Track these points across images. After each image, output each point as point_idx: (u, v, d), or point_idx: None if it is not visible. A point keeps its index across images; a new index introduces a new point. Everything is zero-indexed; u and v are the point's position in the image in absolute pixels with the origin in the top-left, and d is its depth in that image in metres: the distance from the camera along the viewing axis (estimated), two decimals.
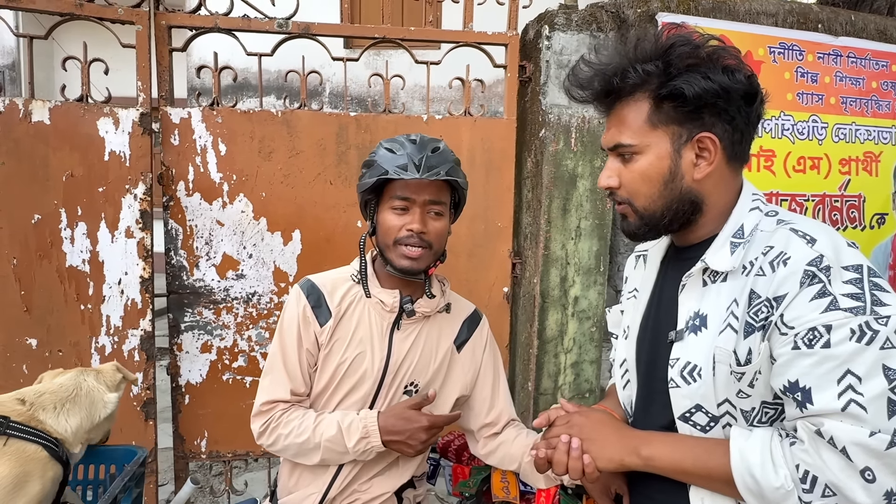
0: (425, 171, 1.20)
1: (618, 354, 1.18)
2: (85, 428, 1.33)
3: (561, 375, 2.39)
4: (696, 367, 0.94)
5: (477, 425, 1.41)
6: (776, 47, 2.42)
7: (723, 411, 0.93)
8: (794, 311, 0.84)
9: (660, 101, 0.95)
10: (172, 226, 2.15)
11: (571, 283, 2.34)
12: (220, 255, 2.20)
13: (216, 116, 2.14)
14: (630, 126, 0.97)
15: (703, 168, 0.96)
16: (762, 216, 0.97)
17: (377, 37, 2.22)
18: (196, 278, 2.19)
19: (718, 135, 0.95)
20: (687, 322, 0.98)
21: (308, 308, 1.29)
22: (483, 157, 2.30)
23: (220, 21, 2.11)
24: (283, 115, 2.18)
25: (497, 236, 2.35)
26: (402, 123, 2.25)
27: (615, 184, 1.01)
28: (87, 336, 2.06)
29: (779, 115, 2.44)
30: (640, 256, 1.21)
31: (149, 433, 2.15)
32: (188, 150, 2.14)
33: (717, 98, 0.92)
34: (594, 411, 1.08)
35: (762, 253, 0.91)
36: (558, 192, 2.27)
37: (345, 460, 1.28)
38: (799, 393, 0.84)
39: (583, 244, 2.32)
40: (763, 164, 2.46)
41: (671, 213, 0.98)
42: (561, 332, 2.37)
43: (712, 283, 0.97)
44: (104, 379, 1.43)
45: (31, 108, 1.95)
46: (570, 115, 2.24)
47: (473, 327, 1.42)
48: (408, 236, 1.24)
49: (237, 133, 2.16)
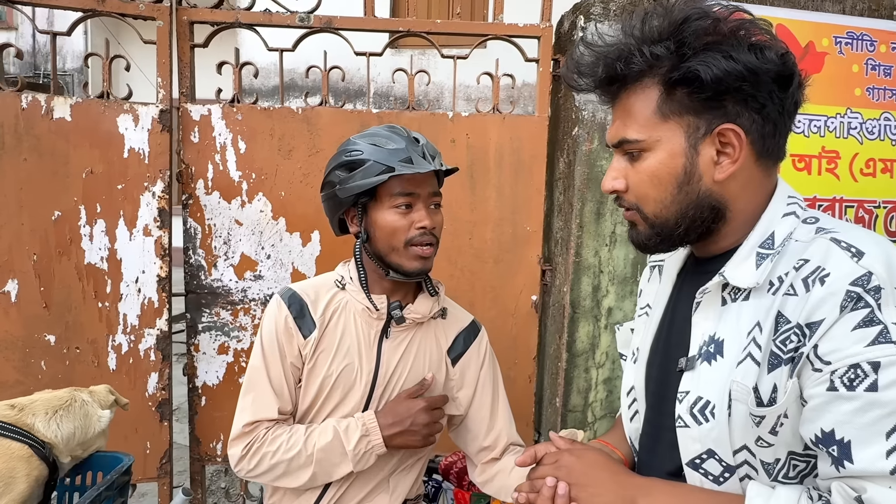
0: (431, 161, 1.11)
1: (625, 380, 1.02)
2: (78, 439, 1.31)
3: (592, 392, 2.23)
4: (709, 405, 0.78)
5: (474, 449, 1.28)
6: (843, 37, 2.18)
7: (740, 460, 0.77)
8: (832, 343, 0.68)
9: (671, 87, 0.79)
10: (191, 224, 2.11)
11: (605, 293, 2.17)
12: (239, 256, 2.15)
13: (236, 113, 2.09)
14: (637, 118, 0.82)
15: (725, 167, 0.80)
16: (798, 223, 0.80)
17: (402, 30, 2.13)
18: (214, 278, 2.15)
19: (745, 126, 0.78)
20: (700, 348, 0.82)
21: (290, 319, 1.19)
22: (512, 156, 2.17)
23: (242, 16, 2.06)
24: (303, 113, 2.12)
25: (526, 241, 2.21)
26: (426, 121, 2.14)
27: (621, 187, 0.86)
28: (105, 334, 2.05)
29: (844, 113, 2.20)
30: (655, 267, 1.05)
31: (164, 434, 2.13)
32: (208, 148, 2.09)
33: (742, 82, 0.76)
34: (588, 451, 0.91)
35: (794, 267, 0.75)
36: (591, 195, 2.11)
37: (338, 474, 1.15)
38: (835, 447, 0.67)
39: (618, 251, 2.15)
40: (825, 167, 2.22)
41: (687, 222, 0.82)
42: (592, 345, 2.20)
43: (732, 301, 0.81)
44: (97, 398, 1.42)
45: (53, 104, 1.95)
46: (605, 111, 2.08)
47: (470, 340, 1.29)
48: (421, 234, 1.14)
49: (257, 131, 2.11)
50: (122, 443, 2.02)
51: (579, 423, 2.24)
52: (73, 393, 1.36)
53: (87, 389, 1.40)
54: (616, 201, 0.90)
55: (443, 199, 1.24)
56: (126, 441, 2.06)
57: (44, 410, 1.28)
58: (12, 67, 7.95)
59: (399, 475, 1.25)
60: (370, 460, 1.14)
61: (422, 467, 1.30)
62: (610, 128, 0.88)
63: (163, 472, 2.14)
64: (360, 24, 2.10)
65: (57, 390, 1.37)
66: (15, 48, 1.94)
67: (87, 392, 1.38)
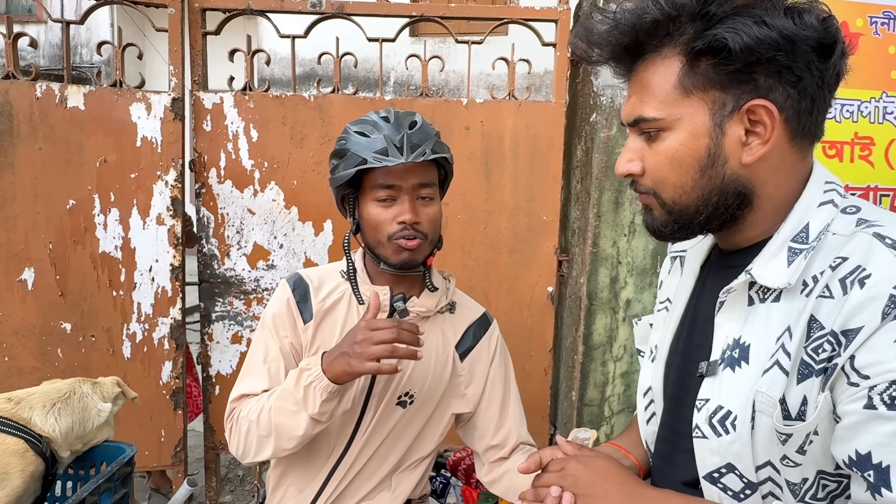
0: (409, 153, 1.04)
1: (642, 380, 0.95)
2: (76, 433, 1.29)
3: (609, 386, 2.17)
4: (730, 415, 0.71)
5: (482, 447, 1.24)
6: (879, 17, 2.06)
7: (763, 477, 0.70)
8: (872, 355, 0.61)
9: (695, 57, 0.70)
10: (204, 213, 2.11)
11: (623, 285, 2.11)
12: (251, 245, 2.14)
13: (248, 101, 2.08)
14: (655, 94, 0.73)
15: (754, 148, 0.71)
16: (836, 213, 0.71)
17: (415, 15, 2.08)
18: (227, 267, 2.14)
19: (778, 102, 0.69)
20: (723, 352, 0.75)
21: (293, 302, 1.17)
22: (528, 144, 2.11)
23: (253, 2, 2.04)
24: (315, 100, 2.09)
25: (542, 231, 2.15)
26: (439, 108, 2.09)
27: (637, 170, 0.77)
28: (119, 322, 2.06)
29: (880, 97, 2.09)
30: (677, 258, 0.96)
31: (178, 422, 2.14)
32: (220, 136, 2.08)
33: (777, 51, 0.67)
34: (597, 458, 0.84)
35: (830, 266, 0.67)
36: (610, 184, 2.04)
37: (300, 425, 1.04)
38: (872, 471, 0.61)
39: (637, 242, 2.08)
40: (859, 154, 2.12)
41: (709, 209, 0.74)
42: (610, 337, 2.14)
43: (761, 301, 0.73)
44: (101, 390, 1.38)
45: (67, 93, 1.95)
46: (625, 97, 2.00)
47: (480, 334, 1.24)
48: (401, 229, 1.08)
49: (269, 119, 2.09)
50: (136, 430, 2.04)
51: (596, 418, 2.18)
52: (74, 385, 1.34)
53: (93, 381, 1.38)
54: (631, 186, 0.82)
55: (456, 188, 1.18)
56: (141, 429, 2.07)
57: (41, 404, 1.26)
58: (41, 60, 8.10)
59: (402, 474, 1.21)
60: (317, 399, 1.02)
61: (427, 467, 1.27)
62: (625, 104, 0.79)
63: (177, 459, 2.15)
64: (373, 10, 2.06)
65: (59, 381, 1.35)
66: (29, 37, 1.94)
67: (90, 384, 1.36)
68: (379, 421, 1.16)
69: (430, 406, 1.21)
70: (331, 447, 1.17)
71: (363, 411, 1.16)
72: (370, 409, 1.16)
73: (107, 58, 8.89)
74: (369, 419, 1.16)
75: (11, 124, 1.93)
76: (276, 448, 1.09)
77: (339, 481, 1.16)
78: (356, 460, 1.17)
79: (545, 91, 5.77)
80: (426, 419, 1.20)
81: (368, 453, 1.17)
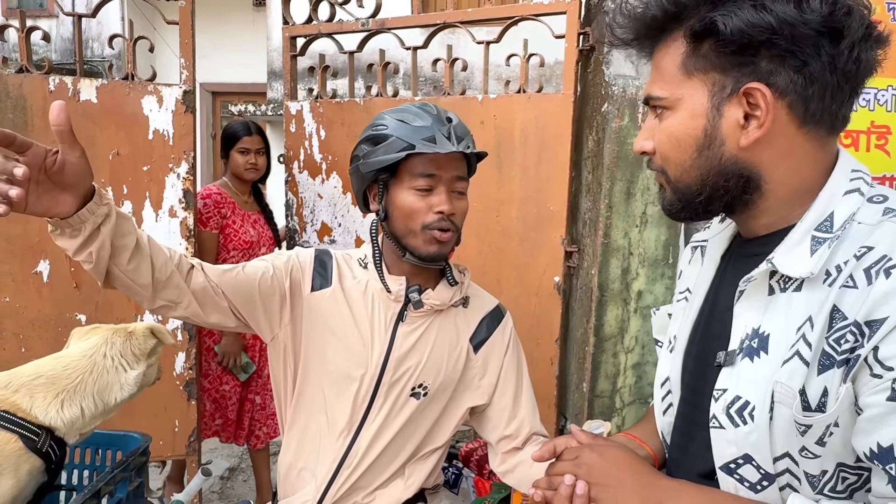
0: (458, 142, 1.06)
1: (660, 370, 0.95)
2: (91, 414, 1.16)
3: (620, 377, 2.16)
4: (748, 406, 0.70)
5: (495, 437, 1.24)
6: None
7: (781, 469, 0.69)
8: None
9: (696, 40, 0.72)
10: (290, 197, 2.51)
11: (635, 276, 2.10)
12: (320, 223, 2.47)
13: (319, 108, 2.41)
14: (663, 74, 0.77)
15: (751, 132, 0.71)
16: (862, 202, 0.70)
17: (439, 23, 2.16)
18: (304, 240, 2.51)
19: (779, 87, 0.69)
20: (742, 342, 0.74)
21: (311, 264, 1.20)
22: (536, 135, 2.11)
23: (322, 27, 2.41)
24: (364, 103, 2.32)
25: (549, 221, 2.15)
26: (458, 104, 2.12)
27: (650, 147, 0.80)
28: (133, 314, 2.09)
29: None
30: (697, 248, 0.96)
31: (191, 412, 2.16)
32: (300, 136, 2.44)
33: (773, 35, 0.66)
34: (611, 447, 0.83)
35: (855, 255, 0.66)
36: (621, 174, 2.03)
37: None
38: (893, 465, 0.60)
39: (648, 232, 2.07)
40: (875, 143, 2.09)
41: (707, 189, 0.76)
42: (621, 329, 2.14)
43: (781, 291, 0.72)
44: (133, 347, 1.21)
45: (80, 86, 1.97)
46: (636, 86, 1.99)
47: (494, 325, 1.25)
48: (439, 219, 1.09)
49: (333, 121, 2.39)
50: (151, 420, 2.07)
51: (607, 409, 2.18)
52: (95, 357, 1.16)
53: (126, 333, 1.20)
54: (647, 164, 0.85)
55: (472, 178, 1.19)
56: (155, 419, 2.10)
57: (44, 391, 1.12)
58: (53, 55, 8.15)
59: (415, 463, 1.22)
60: None
61: (440, 457, 1.27)
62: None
63: (191, 449, 2.17)
64: (406, 22, 2.35)
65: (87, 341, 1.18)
66: (42, 31, 1.95)
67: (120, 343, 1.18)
68: (392, 412, 1.17)
69: (444, 398, 1.21)
70: (339, 435, 1.18)
71: (372, 400, 1.17)
72: (379, 398, 1.17)
73: (117, 51, 8.94)
74: (378, 408, 1.17)
75: (25, 118, 1.95)
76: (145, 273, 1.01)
77: (351, 469, 1.17)
78: (369, 450, 1.18)
79: (556, 82, 5.74)
80: (440, 411, 1.21)
81: (383, 443, 1.18)
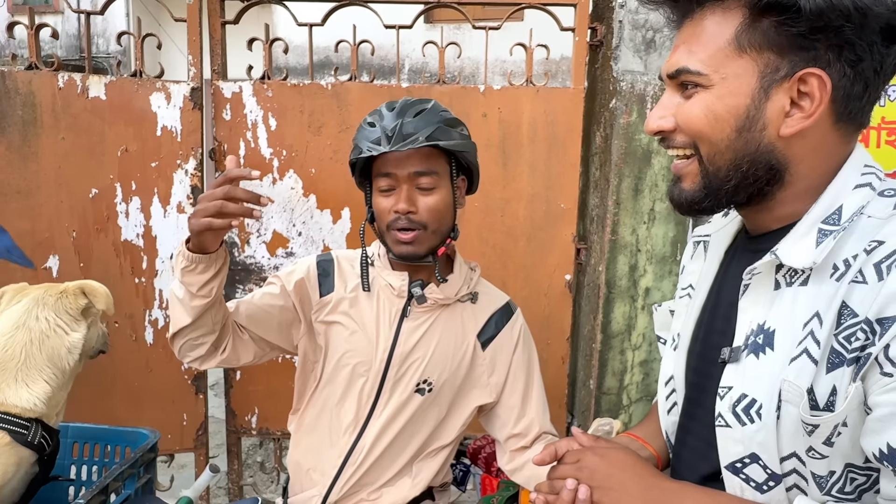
0: (397, 142, 1.04)
1: (664, 368, 0.93)
2: (56, 383, 1.08)
3: (627, 374, 2.16)
4: (755, 404, 0.69)
5: (504, 435, 1.24)
6: None
7: (788, 469, 0.68)
8: None
9: (759, 13, 0.66)
10: None
11: (642, 273, 2.10)
12: (271, 233, 2.15)
13: (266, 90, 2.08)
14: (706, 46, 0.69)
15: (795, 121, 0.67)
16: (873, 196, 0.68)
17: (432, 1, 2.07)
18: (247, 255, 2.16)
19: (833, 79, 0.66)
20: (747, 338, 0.72)
21: (314, 273, 1.22)
22: (545, 130, 2.10)
23: None
24: (332, 88, 2.08)
25: (560, 218, 2.14)
26: (456, 95, 2.08)
27: (669, 125, 0.73)
28: (142, 309, 2.10)
29: None
30: (700, 243, 0.93)
31: (199, 406, 2.17)
32: (239, 125, 2.08)
33: (846, 22, 0.62)
34: (613, 450, 0.82)
35: (865, 249, 0.64)
36: (629, 171, 2.02)
37: (175, 289, 1.08)
38: None
39: (656, 229, 2.07)
40: (886, 139, 2.07)
41: (739, 176, 0.71)
42: (629, 326, 2.13)
43: (787, 285, 0.70)
44: (66, 306, 1.12)
45: (88, 83, 1.97)
46: (644, 82, 1.98)
47: (503, 322, 1.24)
48: (395, 219, 1.10)
49: (287, 107, 2.08)
50: (159, 415, 2.08)
51: (614, 406, 2.18)
52: (25, 328, 1.06)
53: (57, 293, 1.12)
54: (661, 143, 0.78)
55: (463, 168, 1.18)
56: (163, 413, 2.11)
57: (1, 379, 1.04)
58: (59, 51, 8.17)
59: (423, 461, 1.23)
60: (178, 265, 1.04)
61: (448, 455, 1.27)
62: (670, 54, 0.74)
63: (199, 443, 2.19)
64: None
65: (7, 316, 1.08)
66: (51, 28, 1.96)
67: (52, 305, 1.08)
68: (397, 408, 1.17)
69: (450, 394, 1.21)
70: (345, 432, 1.19)
71: (377, 396, 1.17)
72: (384, 394, 1.17)
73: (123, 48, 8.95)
74: (384, 404, 1.17)
75: (35, 114, 1.96)
76: (174, 318, 1.10)
77: (357, 465, 1.18)
78: (374, 446, 1.18)
79: (561, 77, 5.72)
80: (447, 407, 1.21)
81: (388, 439, 1.18)
